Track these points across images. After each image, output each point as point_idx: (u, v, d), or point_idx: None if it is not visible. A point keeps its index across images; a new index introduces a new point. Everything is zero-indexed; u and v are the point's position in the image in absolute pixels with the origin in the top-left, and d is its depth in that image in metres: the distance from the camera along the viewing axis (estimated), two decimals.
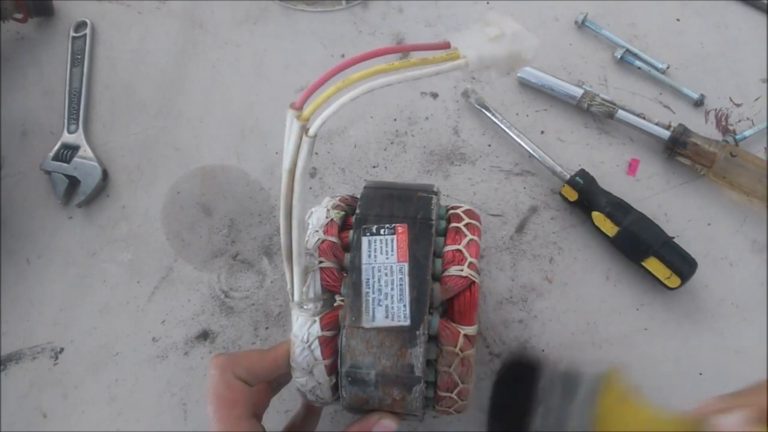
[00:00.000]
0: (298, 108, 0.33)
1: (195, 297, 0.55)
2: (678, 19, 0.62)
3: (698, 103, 0.58)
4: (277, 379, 0.42)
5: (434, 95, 0.61)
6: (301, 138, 0.33)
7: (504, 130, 0.57)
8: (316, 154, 0.59)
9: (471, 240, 0.40)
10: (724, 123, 0.58)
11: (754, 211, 0.54)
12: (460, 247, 0.39)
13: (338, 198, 0.44)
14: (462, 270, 0.39)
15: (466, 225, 0.41)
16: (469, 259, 0.39)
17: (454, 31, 0.63)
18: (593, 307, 0.52)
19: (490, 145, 0.58)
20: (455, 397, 0.40)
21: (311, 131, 0.33)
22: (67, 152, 0.60)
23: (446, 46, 0.35)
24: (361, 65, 0.32)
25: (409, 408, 0.39)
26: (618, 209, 0.52)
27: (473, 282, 0.39)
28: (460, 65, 0.34)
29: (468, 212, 0.42)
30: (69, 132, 0.61)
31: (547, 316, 0.52)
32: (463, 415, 0.48)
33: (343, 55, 0.63)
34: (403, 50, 0.36)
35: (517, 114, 0.59)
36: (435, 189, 0.43)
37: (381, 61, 0.32)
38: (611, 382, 0.39)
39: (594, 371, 0.40)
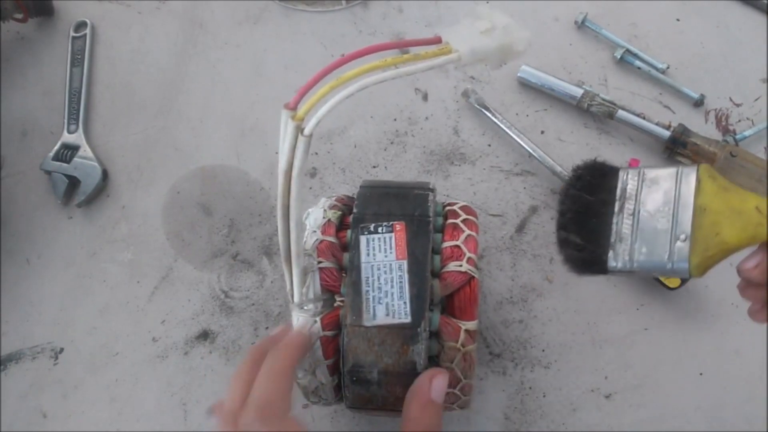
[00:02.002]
0: (293, 108, 0.33)
1: (195, 297, 0.55)
2: (678, 19, 0.62)
3: (698, 103, 0.58)
4: None
5: (434, 95, 0.61)
6: (296, 138, 0.33)
7: (504, 130, 0.57)
8: (316, 154, 0.59)
9: (469, 236, 0.40)
10: (724, 123, 0.58)
11: None
12: (458, 242, 0.40)
13: (335, 198, 0.44)
14: (461, 266, 0.39)
15: (464, 221, 0.41)
16: (468, 255, 0.39)
17: (446, 26, 0.63)
18: (593, 307, 0.52)
19: (490, 145, 0.58)
20: (458, 392, 0.40)
21: (307, 130, 0.33)
22: (67, 152, 0.60)
23: (437, 40, 0.35)
24: (354, 63, 0.32)
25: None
26: None
27: (472, 277, 0.39)
28: (453, 59, 0.34)
29: (465, 208, 0.42)
30: (69, 132, 0.61)
31: (547, 316, 0.52)
32: (464, 411, 0.48)
33: (342, 55, 0.63)
34: (394, 47, 0.36)
35: (517, 114, 0.59)
36: (431, 186, 0.43)
37: (375, 59, 0.33)
38: (709, 173, 0.34)
39: (677, 167, 0.35)
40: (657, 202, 0.35)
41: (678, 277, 0.36)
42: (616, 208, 0.36)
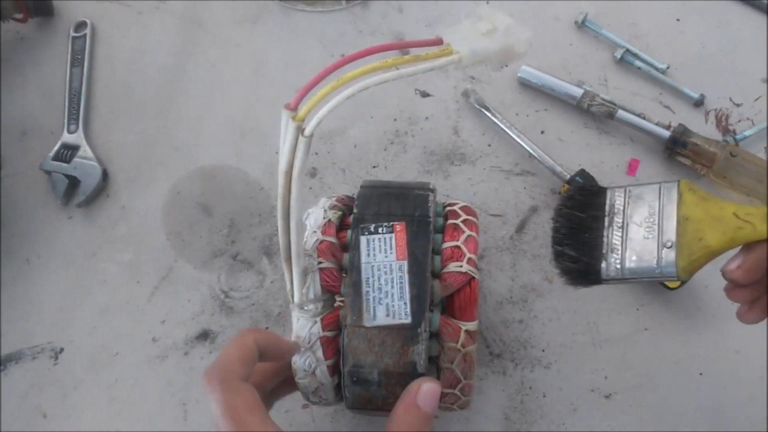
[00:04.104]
0: (293, 108, 0.33)
1: (195, 297, 0.55)
2: (678, 19, 0.62)
3: (698, 103, 0.58)
4: (279, 386, 0.42)
5: (434, 95, 0.61)
6: (297, 138, 0.33)
7: (504, 130, 0.57)
8: (316, 154, 0.59)
9: (469, 236, 0.40)
10: (724, 123, 0.58)
11: None
12: (458, 243, 0.40)
13: (335, 198, 0.44)
14: (461, 266, 0.39)
15: (464, 221, 0.41)
16: (468, 255, 0.39)
17: (447, 27, 0.63)
18: (593, 307, 0.52)
19: (490, 145, 0.58)
20: (458, 393, 0.40)
21: (307, 131, 0.33)
22: (67, 152, 0.60)
23: (439, 42, 0.35)
24: (355, 63, 0.32)
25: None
26: None
27: (473, 278, 0.39)
28: (454, 60, 0.34)
29: (465, 208, 0.42)
30: (69, 132, 0.61)
31: (547, 316, 0.52)
32: (464, 411, 0.48)
33: (342, 55, 0.63)
34: (395, 47, 0.36)
35: (517, 114, 0.59)
36: (431, 186, 0.43)
37: (376, 60, 0.33)
38: (689, 186, 0.38)
39: (659, 182, 0.39)
40: (643, 214, 0.38)
41: (667, 280, 0.38)
42: (606, 223, 0.39)
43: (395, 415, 0.36)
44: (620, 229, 0.38)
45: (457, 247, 0.39)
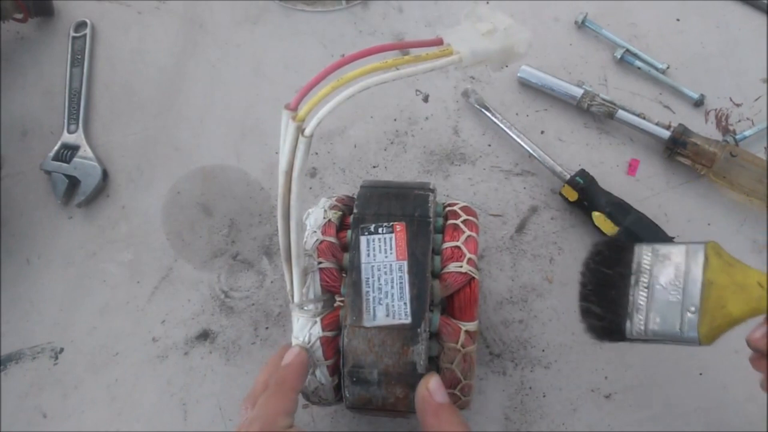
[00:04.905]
0: (293, 108, 0.33)
1: (195, 297, 0.55)
2: (678, 19, 0.62)
3: (698, 103, 0.58)
4: None
5: (434, 95, 0.61)
6: (297, 138, 0.33)
7: (504, 130, 0.57)
8: (316, 154, 0.59)
9: (469, 236, 0.40)
10: (724, 123, 0.58)
11: (754, 211, 0.54)
12: (458, 243, 0.40)
13: (335, 198, 0.44)
14: (461, 266, 0.39)
15: (464, 221, 0.41)
16: (468, 256, 0.39)
17: (447, 27, 0.63)
18: None
19: (490, 145, 0.58)
20: (458, 393, 0.40)
21: (307, 131, 0.33)
22: (67, 152, 0.60)
23: (439, 42, 0.35)
24: (355, 64, 0.32)
25: (413, 406, 0.39)
26: (618, 209, 0.52)
27: (473, 278, 0.39)
28: (454, 61, 0.34)
29: (465, 209, 0.42)
30: (69, 132, 0.61)
31: (547, 316, 0.52)
32: (464, 411, 0.48)
33: (342, 55, 0.63)
34: (396, 48, 0.36)
35: (517, 114, 0.59)
36: (431, 186, 0.43)
37: (376, 60, 0.33)
38: (716, 250, 0.38)
39: (687, 242, 0.39)
40: (669, 276, 0.38)
41: (688, 345, 0.40)
42: (632, 281, 0.39)
43: (429, 427, 0.37)
44: (646, 289, 0.39)
45: (457, 247, 0.39)
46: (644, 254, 0.39)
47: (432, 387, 0.37)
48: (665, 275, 0.38)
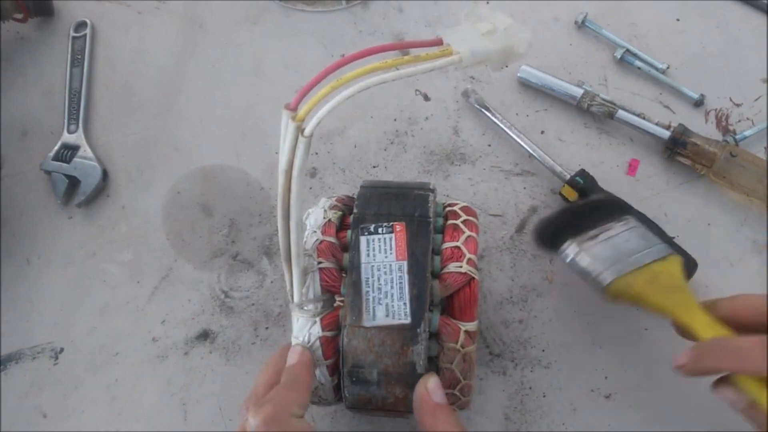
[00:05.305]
0: (293, 108, 0.33)
1: (195, 297, 0.55)
2: (678, 19, 0.62)
3: (698, 103, 0.58)
4: None
5: (434, 95, 0.61)
6: (297, 138, 0.33)
7: (504, 130, 0.57)
8: (316, 154, 0.59)
9: (469, 236, 0.40)
10: (724, 123, 0.58)
11: (754, 211, 0.54)
12: (458, 243, 0.40)
13: (335, 198, 0.44)
14: (461, 267, 0.39)
15: (464, 222, 0.41)
16: (468, 256, 0.39)
17: (447, 27, 0.64)
18: (593, 307, 0.52)
19: (490, 145, 0.58)
20: (458, 393, 0.40)
21: (307, 131, 0.33)
22: (67, 152, 0.60)
23: (439, 42, 0.35)
24: (355, 64, 0.32)
25: (412, 406, 0.39)
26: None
27: (473, 278, 0.39)
28: (454, 61, 0.34)
29: (465, 209, 0.42)
30: (69, 132, 0.61)
31: (547, 316, 0.52)
32: (464, 411, 0.48)
33: (342, 55, 0.63)
34: (396, 48, 0.36)
35: (517, 114, 0.59)
36: (431, 186, 0.43)
37: (376, 60, 0.33)
38: (672, 263, 0.43)
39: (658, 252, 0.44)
40: (639, 242, 0.44)
41: (592, 287, 0.45)
42: (606, 227, 0.45)
43: (427, 427, 0.37)
44: (608, 238, 0.44)
45: (457, 247, 0.39)
46: (632, 221, 0.46)
47: (430, 387, 0.37)
48: (636, 238, 0.44)
